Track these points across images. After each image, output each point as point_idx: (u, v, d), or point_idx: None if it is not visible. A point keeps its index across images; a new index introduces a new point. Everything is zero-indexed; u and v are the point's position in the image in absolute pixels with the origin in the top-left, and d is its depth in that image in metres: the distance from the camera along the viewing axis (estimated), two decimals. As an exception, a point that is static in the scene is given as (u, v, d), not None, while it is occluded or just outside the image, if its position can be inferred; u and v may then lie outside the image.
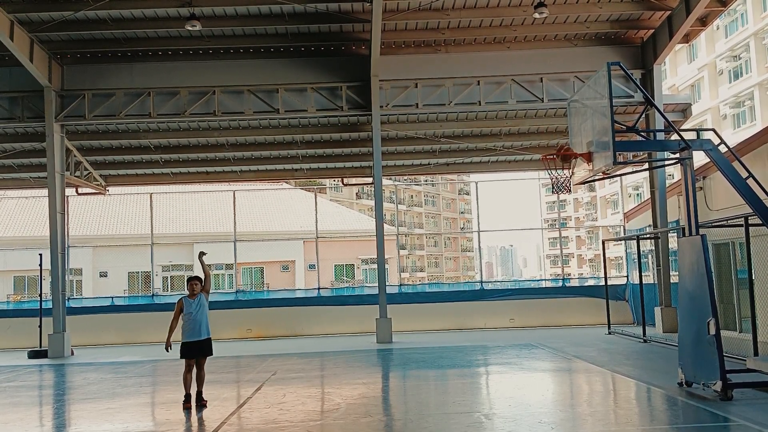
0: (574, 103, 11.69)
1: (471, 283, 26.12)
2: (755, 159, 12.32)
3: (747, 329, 11.68)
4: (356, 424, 7.97)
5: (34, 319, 18.46)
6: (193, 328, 9.11)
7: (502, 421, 7.81)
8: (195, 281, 9.37)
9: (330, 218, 37.25)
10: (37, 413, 9.97)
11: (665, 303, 17.92)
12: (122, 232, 36.87)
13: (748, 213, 10.20)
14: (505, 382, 10.92)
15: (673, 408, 8.27)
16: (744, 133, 35.87)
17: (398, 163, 22.90)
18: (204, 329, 9.18)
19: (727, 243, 13.75)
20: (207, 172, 22.96)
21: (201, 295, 9.28)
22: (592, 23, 17.70)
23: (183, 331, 9.16)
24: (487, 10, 16.92)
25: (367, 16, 16.12)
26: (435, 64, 18.23)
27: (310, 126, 20.47)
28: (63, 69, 18.15)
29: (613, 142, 9.18)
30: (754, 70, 40.55)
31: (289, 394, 10.15)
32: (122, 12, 16.23)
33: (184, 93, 18.12)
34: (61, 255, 17.83)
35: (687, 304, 9.25)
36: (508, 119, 20.46)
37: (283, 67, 18.26)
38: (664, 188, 18.22)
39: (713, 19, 18.04)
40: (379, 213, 18.25)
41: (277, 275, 38.01)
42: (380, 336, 17.45)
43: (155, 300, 22.40)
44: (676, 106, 20.66)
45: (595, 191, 79.77)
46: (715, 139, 9.74)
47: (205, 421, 8.42)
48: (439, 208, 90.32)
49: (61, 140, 18.45)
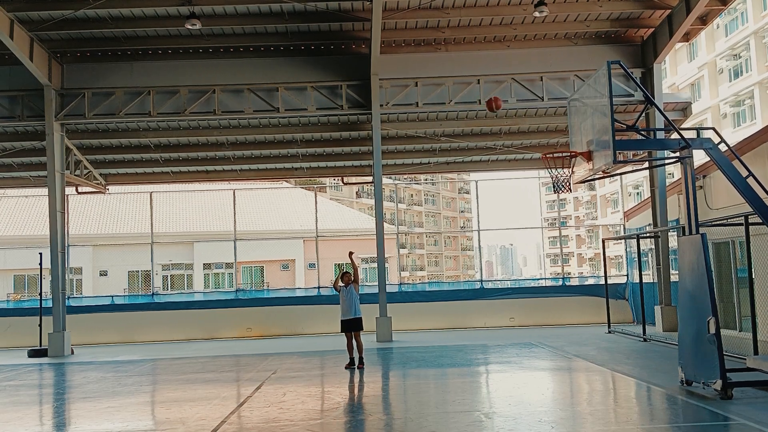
0: (574, 102, 11.69)
1: (471, 282, 26.15)
2: (755, 158, 12.32)
3: (747, 328, 11.69)
4: (356, 423, 7.97)
5: (34, 318, 18.48)
6: (345, 309, 12.35)
7: (502, 419, 7.81)
8: (347, 274, 12.46)
9: (330, 217, 37.23)
10: (37, 412, 9.97)
11: (665, 302, 17.92)
12: (122, 230, 36.86)
13: (748, 212, 10.20)
14: (505, 380, 10.92)
15: (673, 407, 8.27)
16: (744, 131, 35.86)
17: (398, 161, 22.89)
18: (353, 310, 12.35)
19: (727, 242, 13.75)
20: (207, 171, 22.96)
21: (351, 286, 12.38)
22: (592, 22, 17.70)
23: (341, 311, 12.40)
24: (487, 8, 16.91)
25: (367, 15, 16.11)
26: (435, 62, 18.22)
27: (310, 125, 20.47)
28: (63, 68, 18.15)
29: (613, 140, 9.17)
30: (754, 69, 40.54)
31: (289, 393, 10.15)
32: (122, 11, 16.22)
33: (184, 92, 18.11)
34: (61, 254, 17.83)
35: (687, 303, 9.25)
36: (508, 118, 20.46)
37: (283, 66, 18.25)
38: (664, 187, 18.22)
39: (713, 18, 18.01)
40: (379, 212, 18.25)
41: (277, 274, 38.02)
42: (380, 335, 17.45)
43: (155, 299, 22.42)
44: (676, 104, 20.65)
45: (595, 190, 79.82)
46: (715, 138, 9.73)
47: (205, 419, 8.41)
48: (439, 206, 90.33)
49: (61, 139, 18.44)
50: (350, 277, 12.46)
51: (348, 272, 12.48)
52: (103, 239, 36.39)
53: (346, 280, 12.43)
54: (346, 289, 12.38)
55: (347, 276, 12.45)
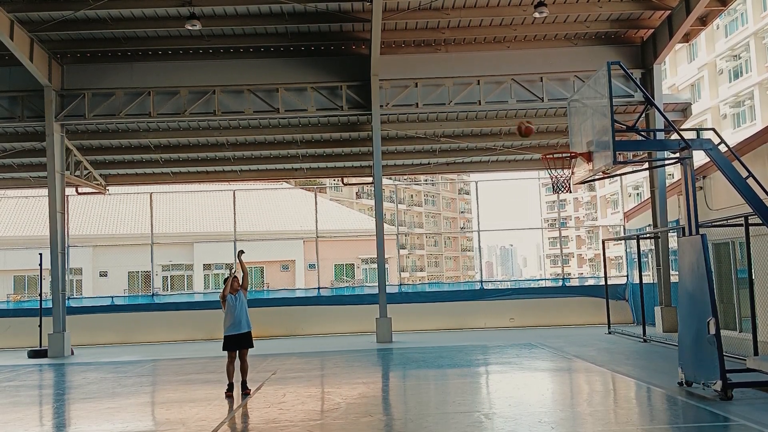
0: (574, 103, 11.69)
1: (471, 282, 26.10)
2: (755, 158, 12.32)
3: (747, 329, 11.68)
4: (356, 423, 7.97)
5: (34, 318, 18.46)
6: (234, 322, 9.98)
7: (502, 420, 7.81)
8: (235, 280, 10.15)
9: (330, 218, 37.23)
10: (37, 413, 9.97)
11: (665, 302, 17.91)
12: (122, 231, 36.88)
13: (748, 212, 10.19)
14: (505, 381, 10.92)
15: (673, 408, 8.27)
16: (744, 132, 35.85)
17: (398, 162, 22.89)
18: (244, 323, 10.03)
19: (727, 242, 13.75)
20: (207, 172, 22.96)
21: (240, 292, 10.11)
22: (592, 23, 17.70)
23: (225, 325, 10.04)
24: (487, 9, 16.91)
25: (367, 16, 16.12)
26: (435, 63, 18.22)
27: (310, 125, 20.47)
28: (63, 68, 18.15)
29: (613, 141, 9.17)
30: (754, 70, 40.53)
31: (289, 394, 10.15)
32: (122, 11, 16.23)
33: (184, 92, 18.11)
34: (61, 254, 17.83)
35: (687, 303, 9.25)
36: (508, 119, 20.46)
37: (283, 67, 18.25)
38: (664, 188, 18.22)
39: (713, 19, 18.03)
40: (379, 212, 18.25)
41: (277, 275, 38.02)
42: (380, 336, 17.45)
43: (155, 300, 22.43)
44: (676, 105, 20.65)
45: (595, 191, 79.77)
46: (715, 139, 9.73)
47: (205, 420, 8.41)
48: (439, 207, 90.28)
49: (61, 140, 18.45)
50: (239, 282, 10.18)
51: (236, 276, 10.20)
52: (103, 240, 36.40)
53: (236, 286, 10.11)
54: (235, 297, 10.03)
55: (236, 281, 10.15)
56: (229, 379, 9.97)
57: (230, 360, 9.99)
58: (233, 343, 10.02)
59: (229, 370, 9.98)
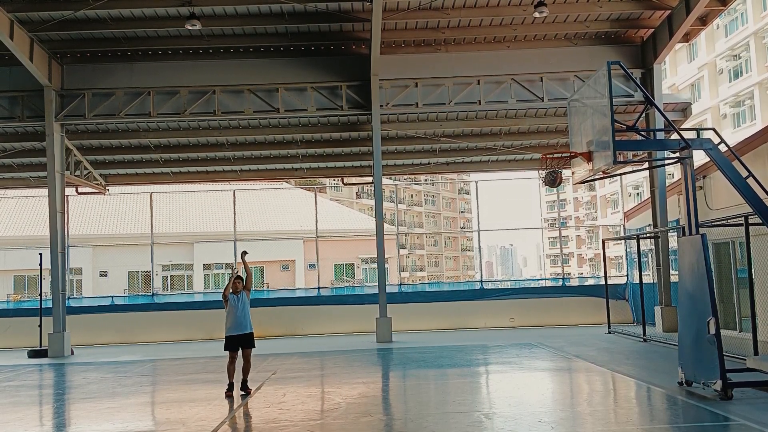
0: (574, 103, 11.69)
1: (471, 282, 26.12)
2: (755, 158, 12.32)
3: (747, 328, 11.68)
4: (356, 423, 7.97)
5: (34, 318, 18.46)
6: (236, 323, 10.07)
7: (503, 420, 7.81)
8: (238, 280, 10.20)
9: (330, 218, 37.23)
10: (37, 412, 9.97)
11: (665, 302, 17.92)
12: (122, 231, 36.88)
13: (748, 212, 10.20)
14: (505, 381, 10.92)
15: (673, 407, 8.27)
16: (744, 132, 35.84)
17: (398, 162, 22.89)
18: (246, 324, 10.13)
19: (727, 242, 13.75)
20: (207, 172, 22.96)
21: (243, 293, 10.18)
22: (592, 22, 17.70)
23: (227, 325, 10.14)
24: (487, 9, 16.91)
25: (367, 16, 16.11)
26: (435, 63, 18.22)
27: (310, 125, 20.46)
28: (63, 68, 18.15)
29: (613, 141, 9.18)
30: (754, 70, 40.52)
31: (289, 394, 10.15)
32: (122, 11, 16.23)
33: (184, 92, 18.11)
34: (61, 254, 17.83)
35: (687, 303, 9.25)
36: (508, 118, 20.46)
37: (283, 67, 18.25)
38: (664, 187, 18.22)
39: (713, 19, 18.02)
40: (379, 212, 18.25)
41: (277, 275, 38.01)
42: (380, 335, 17.45)
43: (155, 299, 22.43)
44: (676, 105, 20.65)
45: (595, 190, 79.76)
46: (715, 139, 9.74)
47: (205, 420, 8.41)
48: (439, 207, 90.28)
49: (61, 139, 18.45)
50: (242, 283, 10.23)
51: (240, 277, 10.27)
52: (103, 240, 36.39)
53: (239, 286, 10.19)
54: (238, 297, 10.12)
55: (239, 282, 10.20)
56: (230, 379, 10.06)
57: (231, 360, 10.07)
58: (235, 344, 10.11)
59: (229, 369, 10.06)
